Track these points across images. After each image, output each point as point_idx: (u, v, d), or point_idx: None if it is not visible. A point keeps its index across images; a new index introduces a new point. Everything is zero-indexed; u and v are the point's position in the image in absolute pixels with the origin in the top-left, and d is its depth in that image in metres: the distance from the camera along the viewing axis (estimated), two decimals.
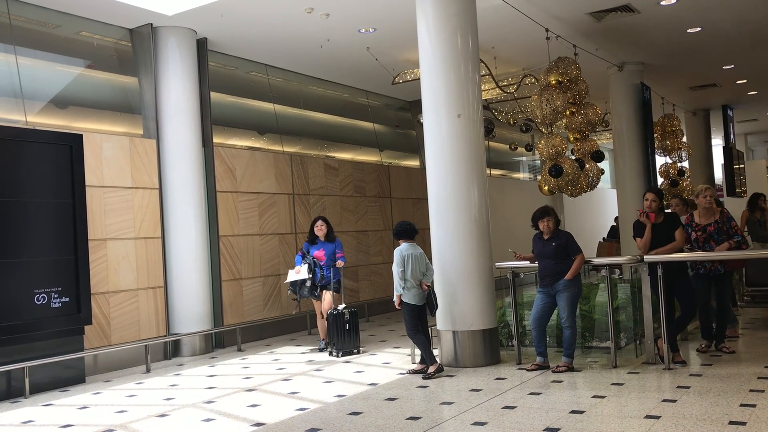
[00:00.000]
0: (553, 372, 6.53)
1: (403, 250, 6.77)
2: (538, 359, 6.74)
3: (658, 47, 11.76)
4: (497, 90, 11.07)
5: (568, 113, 10.64)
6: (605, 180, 22.56)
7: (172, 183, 9.05)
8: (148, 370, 8.01)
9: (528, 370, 6.67)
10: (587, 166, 11.10)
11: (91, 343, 7.90)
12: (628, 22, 10.23)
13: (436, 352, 7.09)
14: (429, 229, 7.43)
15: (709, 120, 18.65)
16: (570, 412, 5.09)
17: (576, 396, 5.65)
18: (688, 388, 5.64)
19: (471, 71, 7.28)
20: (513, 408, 5.33)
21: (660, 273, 6.43)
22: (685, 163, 16.28)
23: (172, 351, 8.97)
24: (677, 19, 10.22)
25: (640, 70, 12.90)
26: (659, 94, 15.11)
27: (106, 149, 8.40)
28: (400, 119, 14.73)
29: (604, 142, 18.42)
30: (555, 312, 6.75)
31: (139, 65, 9.19)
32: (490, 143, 16.40)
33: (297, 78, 11.88)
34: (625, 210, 12.70)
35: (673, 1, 9.38)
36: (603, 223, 21.07)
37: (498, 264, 7.37)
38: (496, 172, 17.81)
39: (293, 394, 6.35)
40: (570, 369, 6.54)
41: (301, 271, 8.48)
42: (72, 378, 7.42)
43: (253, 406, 5.96)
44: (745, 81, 15.12)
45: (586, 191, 11.15)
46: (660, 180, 15.26)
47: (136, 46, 9.20)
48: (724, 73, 14.20)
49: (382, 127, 14.14)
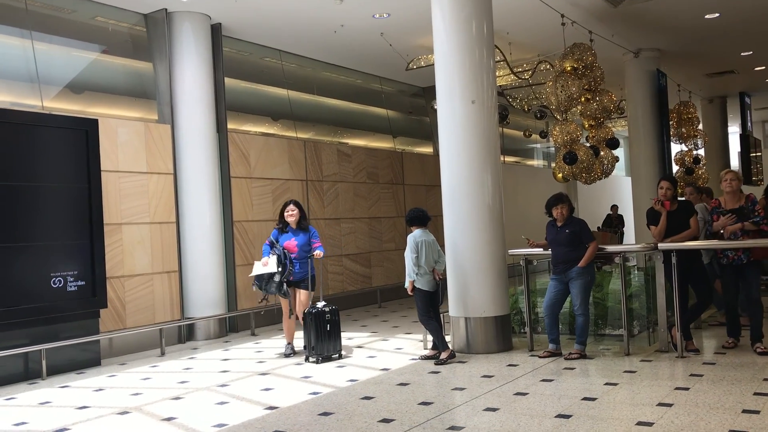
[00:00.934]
0: (566, 359, 6.53)
1: (417, 236, 6.77)
2: (551, 346, 6.74)
3: (675, 33, 11.63)
4: (512, 76, 11.01)
5: (583, 100, 10.57)
6: (620, 167, 22.38)
7: (186, 168, 9.09)
8: (162, 354, 8.09)
9: (540, 357, 6.67)
10: (602, 154, 11.03)
11: (107, 326, 7.99)
12: (644, 8, 10.11)
13: (448, 338, 7.11)
14: (442, 216, 7.43)
15: (726, 107, 18.46)
16: (582, 399, 5.10)
17: (588, 383, 5.65)
18: (701, 376, 5.63)
19: (485, 57, 7.24)
20: (525, 394, 5.35)
21: (674, 261, 6.38)
22: (701, 151, 16.14)
23: (186, 335, 9.05)
24: (695, 4, 10.10)
25: (656, 57, 12.78)
26: (675, 81, 14.97)
27: (122, 134, 8.45)
28: (413, 105, 14.69)
29: (619, 129, 18.31)
30: (568, 299, 6.74)
31: (154, 50, 9.22)
32: (504, 130, 16.33)
33: (311, 64, 11.87)
34: (639, 198, 12.62)
35: None
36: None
37: (511, 251, 7.36)
38: (510, 159, 17.74)
39: (306, 378, 6.39)
40: (582, 356, 6.54)
41: (269, 264, 7.27)
42: (88, 360, 7.51)
43: (267, 389, 6.01)
44: (763, 68, 14.93)
45: (601, 179, 11.10)
46: (675, 168, 15.14)
47: (150, 32, 9.22)
48: (742, 60, 14.03)
49: (396, 113, 14.11)
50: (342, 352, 7.30)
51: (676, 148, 15.14)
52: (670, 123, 14.12)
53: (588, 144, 11.62)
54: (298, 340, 7.73)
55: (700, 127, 15.78)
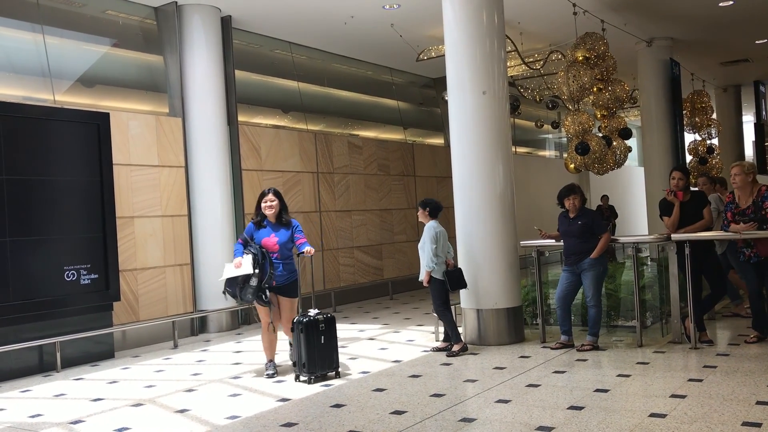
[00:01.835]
0: (578, 351, 6.51)
1: (435, 227, 6.76)
2: (563, 338, 6.72)
3: (688, 21, 11.51)
4: (523, 66, 10.95)
5: (595, 90, 10.49)
6: (632, 158, 22.20)
7: (197, 161, 9.12)
8: (175, 346, 8.14)
9: (552, 349, 6.66)
10: (614, 144, 10.95)
11: (120, 319, 8.04)
12: None
13: (460, 330, 7.10)
14: (453, 207, 7.41)
15: (740, 96, 18.28)
16: (594, 391, 5.08)
17: (600, 375, 5.63)
18: (715, 367, 5.59)
19: (496, 47, 7.20)
20: (537, 386, 5.34)
21: (687, 252, 6.33)
22: (715, 141, 15.99)
23: (198, 327, 9.09)
24: None
25: (669, 46, 12.66)
26: (689, 70, 14.82)
27: (133, 127, 8.47)
28: (424, 96, 14.64)
29: (631, 119, 18.16)
30: (580, 291, 6.71)
31: (164, 43, 9.23)
32: (516, 120, 16.25)
33: (321, 55, 11.84)
34: (652, 188, 12.54)
35: None
36: (630, 201, 20.86)
37: (523, 242, 7.34)
38: (521, 149, 17.65)
39: None
40: (595, 348, 6.52)
41: (243, 264, 5.98)
42: (102, 353, 7.56)
43: (279, 381, 6.03)
44: None
45: (613, 169, 11.01)
46: (689, 158, 15.02)
47: (161, 25, 9.22)
48: (757, 48, 13.87)
49: (407, 104, 14.07)
50: (339, 369, 6.08)
51: (689, 137, 15.02)
52: (684, 112, 14.00)
53: (600, 134, 11.54)
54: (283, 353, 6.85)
55: (714, 116, 15.62)
